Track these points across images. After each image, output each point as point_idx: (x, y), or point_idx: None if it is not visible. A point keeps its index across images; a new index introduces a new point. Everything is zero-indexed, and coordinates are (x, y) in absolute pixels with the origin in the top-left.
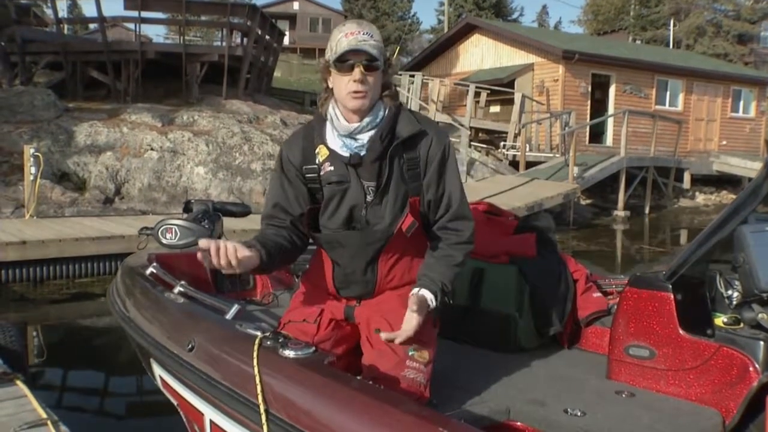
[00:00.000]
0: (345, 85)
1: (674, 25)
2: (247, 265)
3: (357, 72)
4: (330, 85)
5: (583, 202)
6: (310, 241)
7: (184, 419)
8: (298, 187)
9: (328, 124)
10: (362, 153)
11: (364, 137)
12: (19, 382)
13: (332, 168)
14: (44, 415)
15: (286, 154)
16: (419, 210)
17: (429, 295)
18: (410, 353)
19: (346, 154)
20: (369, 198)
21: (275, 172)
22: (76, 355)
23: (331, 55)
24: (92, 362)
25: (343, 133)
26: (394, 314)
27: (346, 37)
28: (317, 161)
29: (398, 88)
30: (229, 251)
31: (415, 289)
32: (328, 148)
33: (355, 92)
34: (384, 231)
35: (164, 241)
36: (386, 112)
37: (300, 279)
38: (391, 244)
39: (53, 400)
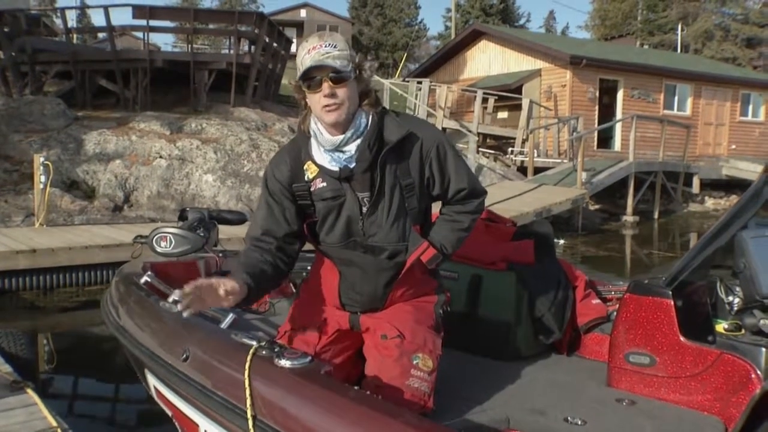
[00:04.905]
0: (317, 102)
1: (682, 30)
2: (237, 299)
3: (325, 87)
4: (308, 103)
5: (591, 208)
6: (300, 252)
7: (179, 430)
8: (285, 205)
9: (313, 141)
10: (351, 165)
11: (351, 148)
12: (29, 390)
13: (324, 184)
14: (54, 423)
15: (272, 172)
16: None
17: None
18: (414, 361)
19: (335, 168)
20: (365, 209)
21: (262, 192)
22: (86, 363)
23: (299, 74)
24: (102, 370)
25: (329, 148)
26: (401, 322)
27: (308, 53)
28: (306, 178)
29: (378, 93)
30: (214, 292)
31: None
32: (317, 165)
33: (327, 106)
34: (395, 260)
35: (158, 249)
36: (369, 120)
37: (299, 286)
38: (407, 272)
39: (63, 408)
